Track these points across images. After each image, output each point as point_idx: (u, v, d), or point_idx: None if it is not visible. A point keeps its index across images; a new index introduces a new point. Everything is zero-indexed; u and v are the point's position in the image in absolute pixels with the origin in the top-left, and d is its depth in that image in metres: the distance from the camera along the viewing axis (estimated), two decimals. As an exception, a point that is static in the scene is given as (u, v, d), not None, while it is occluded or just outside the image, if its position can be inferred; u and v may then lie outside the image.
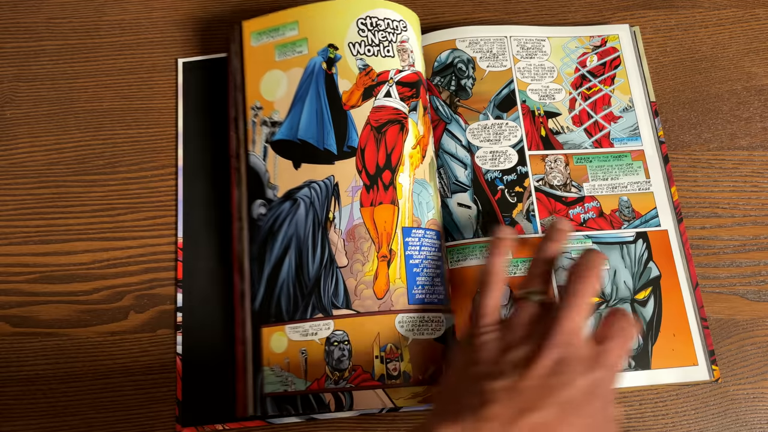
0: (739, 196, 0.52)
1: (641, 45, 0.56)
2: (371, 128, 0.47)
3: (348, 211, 0.46)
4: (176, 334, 0.49)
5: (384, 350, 0.43)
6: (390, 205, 0.46)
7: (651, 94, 0.54)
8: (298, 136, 0.48)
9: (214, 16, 0.58)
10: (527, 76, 0.54)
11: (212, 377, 0.47)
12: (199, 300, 0.49)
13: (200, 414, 0.47)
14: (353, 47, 0.49)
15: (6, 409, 0.47)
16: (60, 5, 0.59)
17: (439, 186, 0.50)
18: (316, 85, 0.49)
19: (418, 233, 0.46)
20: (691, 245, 0.51)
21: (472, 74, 0.53)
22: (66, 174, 0.53)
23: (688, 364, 0.46)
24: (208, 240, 0.51)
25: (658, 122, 0.53)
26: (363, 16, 0.49)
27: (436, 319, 0.45)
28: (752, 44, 0.57)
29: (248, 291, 0.46)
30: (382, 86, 0.48)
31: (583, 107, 0.53)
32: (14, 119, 0.55)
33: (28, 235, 0.52)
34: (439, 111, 0.52)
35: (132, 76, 0.56)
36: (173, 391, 0.47)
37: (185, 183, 0.52)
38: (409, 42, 0.50)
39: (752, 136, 0.54)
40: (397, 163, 0.47)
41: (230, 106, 0.52)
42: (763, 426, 0.47)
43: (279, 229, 0.47)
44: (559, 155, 0.51)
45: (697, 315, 0.48)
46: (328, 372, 0.43)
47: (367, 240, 0.45)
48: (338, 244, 0.46)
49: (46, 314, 0.50)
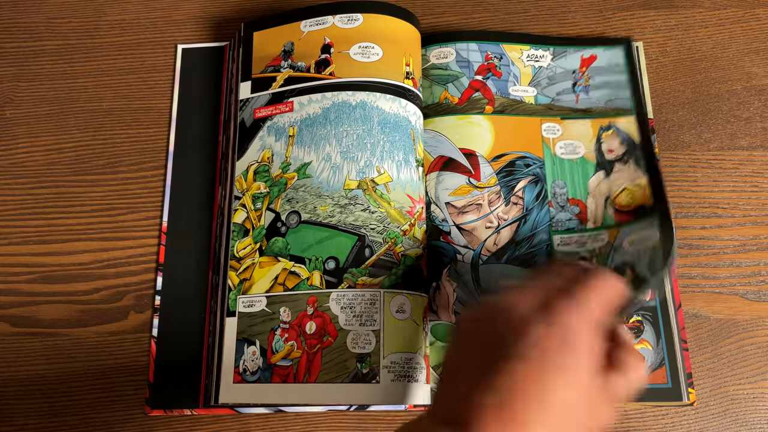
0: (739, 196, 0.52)
1: (643, 60, 0.56)
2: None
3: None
4: (153, 317, 0.49)
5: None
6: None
7: (649, 110, 0.54)
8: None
9: (214, 16, 0.58)
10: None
11: (185, 363, 0.48)
12: (179, 286, 0.50)
13: (170, 398, 0.47)
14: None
15: (6, 409, 0.47)
16: (60, 5, 0.59)
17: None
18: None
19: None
20: (690, 245, 0.51)
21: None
22: (66, 174, 0.53)
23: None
24: (192, 230, 0.51)
25: (654, 139, 0.53)
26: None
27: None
28: (752, 44, 0.57)
29: (221, 286, 0.47)
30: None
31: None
32: (14, 119, 0.55)
33: (27, 235, 0.52)
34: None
35: (132, 76, 0.56)
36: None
37: (174, 177, 0.53)
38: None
39: (752, 136, 0.54)
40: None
41: (222, 109, 0.53)
42: (763, 426, 0.47)
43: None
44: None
45: (678, 337, 0.48)
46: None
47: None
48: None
49: (46, 314, 0.50)
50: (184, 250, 0.51)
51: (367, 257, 0.45)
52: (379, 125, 0.48)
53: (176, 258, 0.51)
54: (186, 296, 0.50)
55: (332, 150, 0.48)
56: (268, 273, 0.46)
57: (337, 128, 0.48)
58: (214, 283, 0.49)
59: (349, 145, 0.48)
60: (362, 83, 0.49)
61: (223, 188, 0.51)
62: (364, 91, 0.49)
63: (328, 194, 0.47)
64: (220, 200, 0.51)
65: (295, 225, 0.47)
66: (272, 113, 0.50)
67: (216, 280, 0.49)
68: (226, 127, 0.53)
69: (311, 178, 0.47)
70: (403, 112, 0.49)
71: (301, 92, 0.50)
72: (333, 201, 0.47)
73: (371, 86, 0.49)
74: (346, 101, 0.49)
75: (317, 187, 0.47)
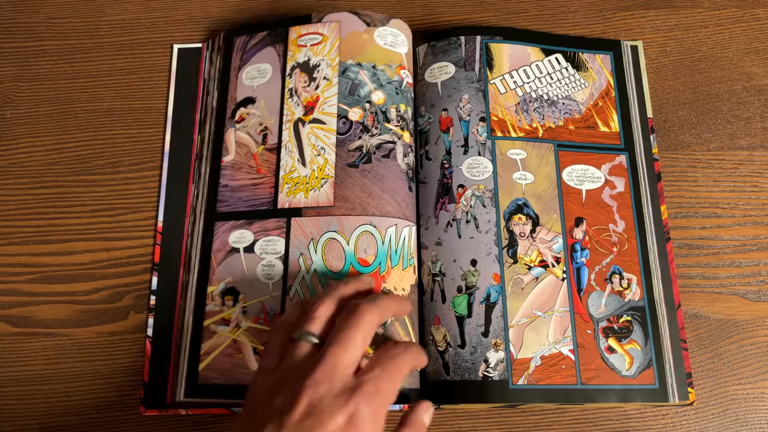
0: (739, 196, 0.52)
1: (643, 60, 0.56)
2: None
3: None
4: (148, 317, 0.49)
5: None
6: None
7: (649, 110, 0.54)
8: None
9: (214, 16, 0.58)
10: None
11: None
12: (174, 285, 0.50)
13: (165, 398, 0.47)
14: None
15: (6, 409, 0.48)
16: (60, 5, 0.59)
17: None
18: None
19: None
20: (690, 245, 0.51)
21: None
22: (66, 174, 0.53)
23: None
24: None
25: (654, 139, 0.53)
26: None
27: None
28: (752, 44, 0.57)
29: (192, 284, 0.48)
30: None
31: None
32: (14, 119, 0.55)
33: (28, 235, 0.52)
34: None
35: (132, 76, 0.56)
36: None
37: (169, 177, 0.53)
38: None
39: (752, 136, 0.54)
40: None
41: (198, 109, 0.54)
42: (763, 426, 0.47)
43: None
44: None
45: (671, 337, 0.48)
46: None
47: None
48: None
49: (46, 314, 0.50)
50: (179, 251, 0.51)
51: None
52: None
53: (171, 258, 0.51)
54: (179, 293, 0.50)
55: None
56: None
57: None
58: (184, 282, 0.49)
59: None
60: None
61: (196, 188, 0.52)
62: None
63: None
64: (192, 199, 0.52)
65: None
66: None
67: (186, 279, 0.49)
68: (201, 127, 0.54)
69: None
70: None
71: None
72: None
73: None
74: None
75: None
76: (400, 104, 0.51)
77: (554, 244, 0.49)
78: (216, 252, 0.49)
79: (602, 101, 0.54)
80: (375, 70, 0.51)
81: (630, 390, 0.46)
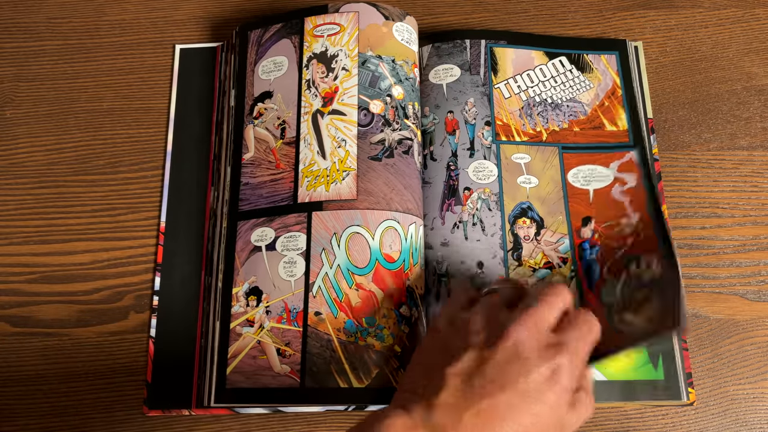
0: (739, 196, 0.52)
1: (643, 60, 0.56)
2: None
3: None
4: (150, 317, 0.49)
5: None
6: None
7: (649, 110, 0.54)
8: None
9: (214, 16, 0.58)
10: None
11: (183, 363, 0.48)
12: (177, 285, 0.50)
13: (168, 398, 0.47)
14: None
15: (6, 409, 0.47)
16: (60, 5, 0.59)
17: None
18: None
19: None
20: (690, 245, 0.51)
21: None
22: (66, 174, 0.53)
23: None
24: (190, 230, 0.51)
25: (654, 139, 0.53)
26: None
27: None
28: (752, 44, 0.57)
29: (215, 286, 0.47)
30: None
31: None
32: (14, 119, 0.55)
33: (28, 235, 0.52)
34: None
35: (132, 76, 0.56)
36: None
37: (172, 177, 0.53)
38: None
39: (752, 136, 0.54)
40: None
41: (215, 110, 0.53)
42: (763, 426, 0.47)
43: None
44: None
45: (677, 336, 0.48)
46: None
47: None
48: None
49: (46, 314, 0.50)
50: (182, 251, 0.51)
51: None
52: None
53: (174, 258, 0.50)
54: (183, 296, 0.50)
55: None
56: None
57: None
58: (207, 284, 0.49)
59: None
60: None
61: (216, 189, 0.51)
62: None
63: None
64: (212, 201, 0.51)
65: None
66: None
67: (209, 282, 0.49)
68: (218, 128, 0.53)
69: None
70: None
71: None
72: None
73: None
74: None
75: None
76: (415, 102, 0.51)
77: (560, 246, 0.49)
78: (239, 252, 0.47)
79: (608, 101, 0.54)
80: (394, 64, 0.50)
81: (634, 383, 0.46)
